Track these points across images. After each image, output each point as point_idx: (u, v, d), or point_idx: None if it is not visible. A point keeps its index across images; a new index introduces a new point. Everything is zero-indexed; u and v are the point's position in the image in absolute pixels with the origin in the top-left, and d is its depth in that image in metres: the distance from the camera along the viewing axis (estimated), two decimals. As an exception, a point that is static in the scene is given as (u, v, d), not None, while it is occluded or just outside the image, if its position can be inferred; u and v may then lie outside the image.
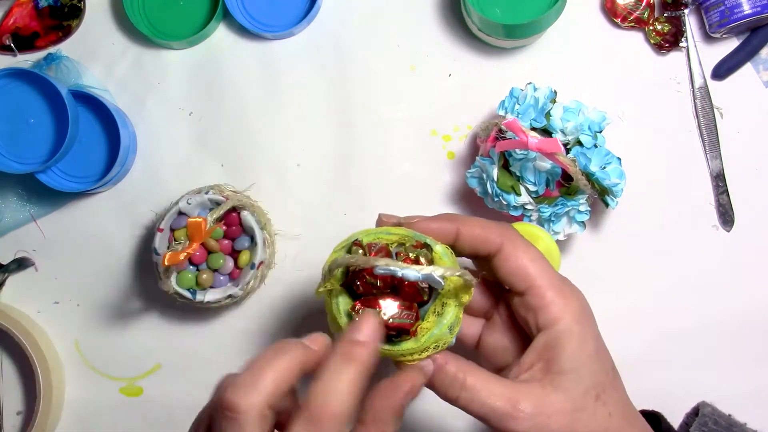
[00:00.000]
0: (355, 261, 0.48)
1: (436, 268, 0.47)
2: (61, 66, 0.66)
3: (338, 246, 0.51)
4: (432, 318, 0.49)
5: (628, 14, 0.63)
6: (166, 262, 0.54)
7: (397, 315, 0.48)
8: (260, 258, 0.59)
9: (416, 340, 0.48)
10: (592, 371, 0.43)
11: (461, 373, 0.44)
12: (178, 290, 0.58)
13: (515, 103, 0.56)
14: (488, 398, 0.42)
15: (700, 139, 0.62)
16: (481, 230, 0.47)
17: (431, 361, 0.45)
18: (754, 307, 0.61)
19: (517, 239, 0.46)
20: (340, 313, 0.50)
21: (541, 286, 0.44)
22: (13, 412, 0.67)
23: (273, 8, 0.66)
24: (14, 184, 0.67)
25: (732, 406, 0.53)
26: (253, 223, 0.59)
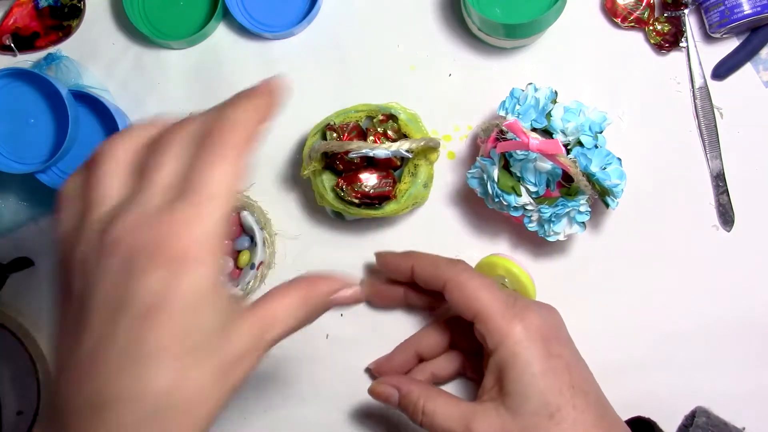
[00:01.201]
0: (330, 146, 0.56)
1: (403, 143, 0.55)
2: (61, 66, 0.66)
3: (313, 131, 0.59)
4: (408, 179, 0.58)
5: (628, 14, 0.63)
6: None
7: (377, 185, 0.57)
8: (260, 258, 0.59)
9: (397, 202, 0.57)
10: (540, 392, 0.45)
11: (421, 400, 0.48)
12: None
13: (516, 103, 0.56)
14: (444, 422, 0.46)
15: (700, 139, 0.62)
16: (429, 266, 0.52)
17: (395, 389, 0.50)
18: (754, 307, 0.61)
19: (463, 272, 0.50)
20: (326, 190, 0.58)
21: (486, 313, 0.47)
22: (13, 412, 0.67)
23: (273, 8, 0.66)
24: (14, 184, 0.67)
25: (732, 407, 0.54)
26: (252, 223, 0.59)
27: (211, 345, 0.35)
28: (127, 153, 0.37)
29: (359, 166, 0.58)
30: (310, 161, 0.57)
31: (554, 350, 0.47)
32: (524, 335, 0.46)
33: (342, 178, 0.57)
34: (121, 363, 0.32)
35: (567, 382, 0.46)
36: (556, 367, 0.46)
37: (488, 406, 0.46)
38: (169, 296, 0.33)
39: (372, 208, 0.57)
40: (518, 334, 0.46)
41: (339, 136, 0.57)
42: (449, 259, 0.52)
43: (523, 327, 0.47)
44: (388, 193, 0.57)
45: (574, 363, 0.48)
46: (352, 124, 0.58)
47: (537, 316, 0.48)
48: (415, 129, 0.58)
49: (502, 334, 0.46)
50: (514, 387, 0.45)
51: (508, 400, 0.45)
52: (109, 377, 0.32)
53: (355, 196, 0.57)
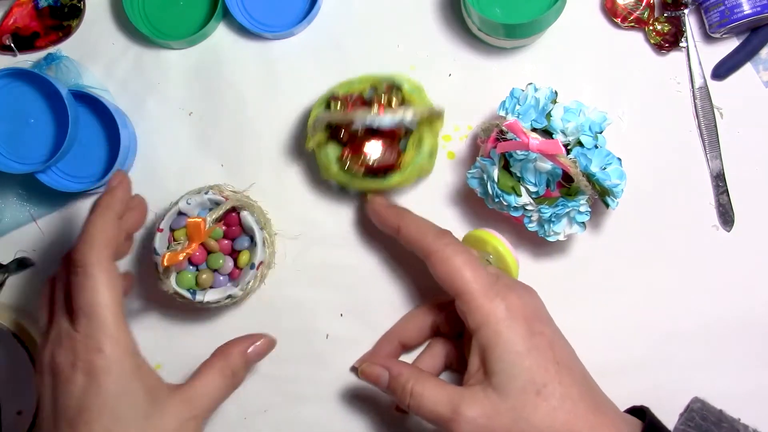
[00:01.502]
0: (334, 117, 0.56)
1: (407, 112, 0.55)
2: (61, 66, 0.66)
3: (317, 102, 0.59)
4: (412, 150, 0.57)
5: (628, 14, 0.63)
6: (165, 263, 0.54)
7: (382, 156, 0.56)
8: (260, 258, 0.59)
9: (402, 173, 0.57)
10: (524, 369, 0.45)
11: (410, 382, 0.47)
12: (178, 290, 0.58)
13: (516, 103, 0.56)
14: (433, 405, 0.46)
15: (700, 139, 0.62)
16: (416, 233, 0.51)
17: (386, 370, 0.50)
18: (754, 307, 0.61)
19: (449, 246, 0.50)
20: (331, 162, 0.58)
21: (469, 291, 0.47)
22: (13, 412, 0.67)
23: (273, 8, 0.66)
24: (14, 184, 0.67)
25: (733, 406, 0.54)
26: (252, 223, 0.59)
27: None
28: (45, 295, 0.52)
29: (363, 136, 0.57)
30: (315, 132, 0.57)
31: (536, 328, 0.47)
32: (506, 314, 0.46)
33: (346, 149, 0.57)
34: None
35: (551, 358, 0.46)
36: (540, 345, 0.46)
37: (476, 388, 0.46)
38: (88, 400, 0.43)
39: (377, 178, 0.57)
40: (500, 313, 0.46)
41: (343, 106, 0.57)
42: (437, 229, 0.52)
43: (505, 306, 0.47)
44: (393, 164, 0.57)
45: (556, 340, 0.48)
46: (356, 95, 0.58)
47: (518, 296, 0.48)
48: (419, 99, 0.58)
49: (484, 313, 0.46)
50: (500, 366, 0.45)
51: (494, 379, 0.45)
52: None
53: (360, 167, 0.57)
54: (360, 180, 0.57)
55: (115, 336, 0.45)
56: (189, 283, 0.58)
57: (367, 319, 0.63)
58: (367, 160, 0.56)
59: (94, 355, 0.44)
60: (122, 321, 0.47)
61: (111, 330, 0.45)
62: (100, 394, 0.44)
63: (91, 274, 0.46)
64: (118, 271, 0.48)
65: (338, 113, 0.56)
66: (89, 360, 0.44)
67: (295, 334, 0.64)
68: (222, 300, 0.58)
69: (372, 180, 0.57)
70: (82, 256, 0.46)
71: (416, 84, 0.59)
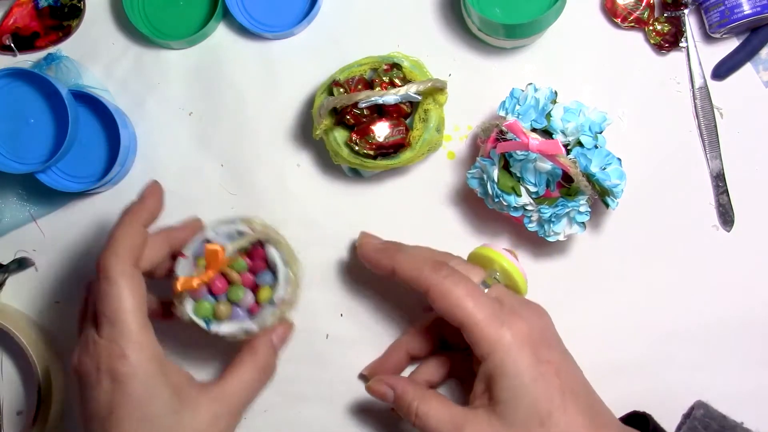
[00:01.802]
0: (339, 101, 0.56)
1: (410, 86, 0.55)
2: (61, 66, 0.66)
3: (319, 90, 0.60)
4: (420, 125, 0.58)
5: (628, 14, 0.63)
6: (180, 287, 0.52)
7: (390, 134, 0.57)
8: (281, 296, 0.54)
9: (412, 149, 0.57)
10: (529, 399, 0.45)
11: (415, 402, 0.48)
12: (193, 318, 0.54)
13: (516, 103, 0.56)
14: (436, 425, 0.47)
15: (700, 139, 0.62)
16: (411, 271, 0.50)
17: (391, 389, 0.50)
18: (754, 307, 0.61)
19: (447, 278, 0.48)
20: (340, 146, 0.58)
21: (472, 323, 0.47)
22: (13, 412, 0.67)
23: (273, 8, 0.66)
24: (14, 184, 0.67)
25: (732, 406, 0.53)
26: (277, 259, 0.55)
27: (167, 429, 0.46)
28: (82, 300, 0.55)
29: (370, 117, 0.58)
30: (321, 120, 0.57)
31: (543, 356, 0.46)
32: (512, 344, 0.46)
33: (354, 131, 0.58)
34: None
35: (557, 387, 0.45)
36: (546, 374, 0.45)
37: (479, 412, 0.46)
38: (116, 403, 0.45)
39: (388, 158, 0.57)
40: (506, 344, 0.46)
41: (346, 90, 0.58)
42: (432, 262, 0.50)
43: (511, 335, 0.46)
44: (402, 141, 0.58)
45: (563, 367, 0.47)
46: (358, 78, 0.58)
47: (524, 322, 0.47)
48: (420, 74, 0.58)
49: (490, 343, 0.46)
50: (505, 395, 0.45)
51: (498, 407, 0.45)
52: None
53: (370, 148, 0.57)
54: (372, 161, 0.57)
55: (139, 341, 0.46)
56: (206, 312, 0.54)
57: (367, 319, 0.63)
58: (376, 139, 0.57)
59: (118, 361, 0.45)
60: (146, 326, 0.48)
61: (134, 335, 0.46)
62: (126, 398, 0.45)
63: (114, 281, 0.47)
64: (141, 279, 0.49)
65: (342, 96, 0.56)
66: (113, 366, 0.45)
67: (296, 334, 0.64)
68: (238, 334, 0.54)
69: (383, 159, 0.57)
70: (105, 262, 0.48)
71: (415, 60, 0.59)
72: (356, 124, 0.58)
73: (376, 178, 0.64)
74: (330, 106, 0.56)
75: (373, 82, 0.58)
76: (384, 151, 0.57)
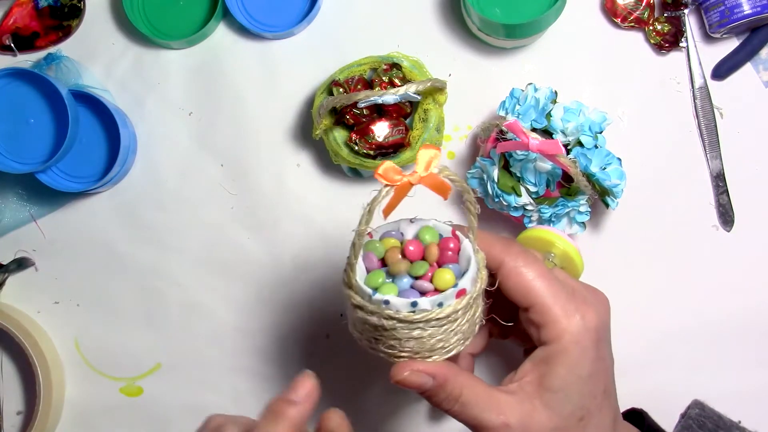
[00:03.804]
0: (338, 100, 0.56)
1: (410, 86, 0.55)
2: (61, 66, 0.66)
3: (319, 90, 0.60)
4: (419, 125, 0.58)
5: (628, 14, 0.63)
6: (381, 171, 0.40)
7: (389, 134, 0.57)
8: (466, 285, 0.42)
9: (412, 149, 0.58)
10: (580, 394, 0.44)
11: (458, 388, 0.45)
12: (360, 285, 0.42)
13: (516, 103, 0.56)
14: (481, 413, 0.44)
15: (700, 139, 0.62)
16: (483, 246, 0.47)
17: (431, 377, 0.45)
18: (754, 307, 0.61)
19: (520, 256, 0.46)
20: (340, 146, 0.58)
21: (543, 304, 0.45)
22: (13, 412, 0.67)
23: (273, 8, 0.66)
24: (14, 184, 0.67)
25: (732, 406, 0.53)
26: (471, 253, 0.44)
27: None
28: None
29: (369, 117, 0.58)
30: (320, 119, 0.57)
31: (602, 352, 0.45)
32: (581, 334, 0.44)
33: (354, 131, 0.58)
34: None
35: (603, 386, 0.45)
36: (600, 371, 0.45)
37: (522, 398, 0.44)
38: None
39: (387, 157, 0.57)
40: (576, 333, 0.44)
41: (345, 90, 0.58)
42: (502, 238, 0.47)
43: (583, 325, 0.44)
44: (402, 141, 0.58)
45: (611, 365, 0.47)
46: (357, 77, 0.58)
47: (594, 312, 0.45)
48: (420, 74, 0.58)
49: (560, 329, 0.44)
50: (559, 384, 0.44)
51: (547, 395, 0.44)
52: None
53: (369, 148, 0.57)
54: (371, 161, 0.57)
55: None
56: (376, 283, 0.43)
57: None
58: (376, 139, 0.57)
59: None
60: None
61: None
62: None
63: None
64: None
65: (342, 96, 0.56)
66: None
67: (295, 334, 0.64)
68: (403, 308, 0.41)
69: (383, 159, 0.57)
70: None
71: (415, 60, 0.59)
72: (356, 124, 0.58)
73: (376, 178, 0.64)
74: (329, 105, 0.56)
75: (372, 81, 0.58)
76: (384, 151, 0.57)
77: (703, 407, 0.50)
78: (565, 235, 0.52)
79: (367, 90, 0.56)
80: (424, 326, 0.41)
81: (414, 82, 0.56)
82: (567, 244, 0.52)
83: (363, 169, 0.60)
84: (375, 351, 0.44)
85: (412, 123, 0.59)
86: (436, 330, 0.42)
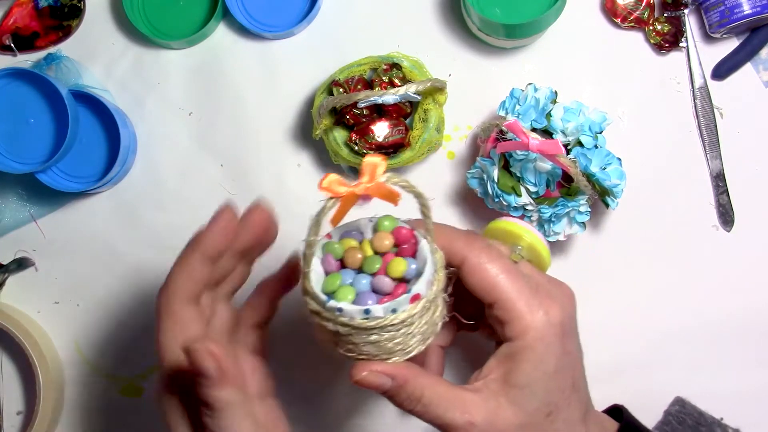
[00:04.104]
0: (338, 100, 0.56)
1: (409, 86, 0.55)
2: (61, 66, 0.66)
3: (319, 90, 0.60)
4: (419, 125, 0.58)
5: (628, 14, 0.63)
6: (323, 184, 0.39)
7: (389, 134, 0.57)
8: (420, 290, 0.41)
9: (412, 149, 0.58)
10: (547, 389, 0.44)
11: (419, 389, 0.44)
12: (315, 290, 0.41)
13: (516, 103, 0.56)
14: (444, 412, 0.43)
15: (700, 139, 0.62)
16: (445, 241, 0.46)
17: (390, 378, 0.45)
18: (754, 307, 0.61)
19: (483, 251, 0.45)
20: (340, 146, 0.59)
21: (507, 300, 0.44)
22: (13, 412, 0.67)
23: (273, 8, 0.66)
24: (14, 184, 0.67)
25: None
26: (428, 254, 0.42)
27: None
28: None
29: (369, 117, 0.58)
30: (321, 119, 0.57)
31: (568, 346, 0.45)
32: (546, 330, 0.44)
33: (354, 131, 0.58)
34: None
35: (570, 380, 0.45)
36: (566, 366, 0.45)
37: (487, 395, 0.44)
38: None
39: (387, 158, 0.57)
40: (540, 329, 0.44)
41: (345, 90, 0.57)
42: (465, 233, 0.46)
43: (547, 320, 0.44)
44: (402, 141, 0.57)
45: (578, 359, 0.47)
46: (357, 77, 0.58)
47: (559, 307, 0.45)
48: (420, 74, 0.58)
49: (524, 325, 0.44)
50: (524, 381, 0.44)
51: (512, 392, 0.44)
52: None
53: (369, 148, 0.57)
54: None
55: None
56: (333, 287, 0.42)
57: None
58: (376, 139, 0.57)
59: None
60: None
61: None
62: None
63: (161, 320, 0.44)
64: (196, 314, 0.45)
65: (342, 96, 0.56)
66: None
67: (295, 335, 0.64)
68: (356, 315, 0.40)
69: None
70: (159, 300, 0.45)
71: (415, 60, 0.59)
72: (356, 124, 0.58)
73: (376, 178, 0.64)
74: (329, 105, 0.56)
75: (372, 81, 0.58)
76: (384, 151, 0.57)
77: (684, 404, 0.50)
78: (533, 227, 0.51)
79: (367, 90, 0.56)
80: (380, 332, 0.41)
81: (414, 82, 0.56)
82: (534, 236, 0.51)
83: None
84: (336, 354, 0.44)
85: (412, 123, 0.58)
86: (393, 334, 0.41)
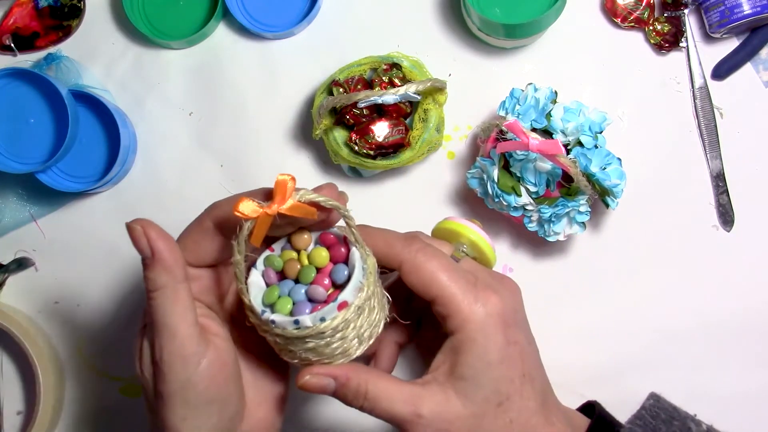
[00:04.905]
0: (338, 100, 0.56)
1: (409, 86, 0.55)
2: (61, 66, 0.66)
3: (319, 90, 0.59)
4: (419, 125, 0.58)
5: (628, 14, 0.63)
6: (236, 208, 0.40)
7: (389, 134, 0.57)
8: (349, 298, 0.42)
9: (412, 149, 0.58)
10: (492, 379, 0.44)
11: (363, 385, 0.45)
12: (252, 303, 0.43)
13: (516, 103, 0.56)
14: (390, 406, 0.44)
15: (700, 139, 0.62)
16: (383, 245, 0.47)
17: (333, 379, 0.45)
18: (754, 307, 0.61)
19: (420, 251, 0.47)
20: (340, 146, 0.58)
21: (444, 295, 0.45)
22: (13, 412, 0.67)
23: (273, 8, 0.66)
24: (14, 184, 0.67)
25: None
26: (357, 260, 0.43)
27: None
28: None
29: (369, 117, 0.58)
30: (320, 119, 0.57)
31: (512, 336, 0.45)
32: (485, 321, 0.45)
33: (354, 131, 0.58)
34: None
35: (519, 369, 0.45)
36: (512, 356, 0.45)
37: (437, 389, 0.45)
38: None
39: (387, 158, 0.57)
40: (479, 320, 0.45)
41: (345, 90, 0.58)
42: (403, 236, 0.48)
43: (485, 311, 0.45)
44: (402, 141, 0.57)
45: (527, 350, 0.47)
46: (357, 77, 0.58)
47: (499, 298, 0.46)
48: (420, 74, 0.58)
49: (463, 318, 0.45)
50: (469, 373, 0.44)
51: (459, 384, 0.44)
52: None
53: (369, 148, 0.57)
54: (371, 161, 0.57)
55: None
56: (272, 299, 0.43)
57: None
58: (376, 139, 0.57)
59: None
60: None
61: None
62: None
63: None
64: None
65: (342, 96, 0.56)
66: None
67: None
68: (288, 326, 0.42)
69: (383, 159, 0.57)
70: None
71: (415, 60, 0.59)
72: (356, 124, 0.58)
73: (376, 178, 0.64)
74: (329, 105, 0.56)
75: (372, 81, 0.58)
76: (384, 151, 0.57)
77: (658, 399, 0.50)
78: (474, 225, 0.52)
79: (367, 90, 0.56)
80: (313, 339, 0.42)
81: (414, 82, 0.56)
82: (474, 233, 0.52)
83: (363, 169, 0.60)
84: (284, 359, 0.45)
85: (412, 123, 0.58)
86: (328, 340, 0.42)
